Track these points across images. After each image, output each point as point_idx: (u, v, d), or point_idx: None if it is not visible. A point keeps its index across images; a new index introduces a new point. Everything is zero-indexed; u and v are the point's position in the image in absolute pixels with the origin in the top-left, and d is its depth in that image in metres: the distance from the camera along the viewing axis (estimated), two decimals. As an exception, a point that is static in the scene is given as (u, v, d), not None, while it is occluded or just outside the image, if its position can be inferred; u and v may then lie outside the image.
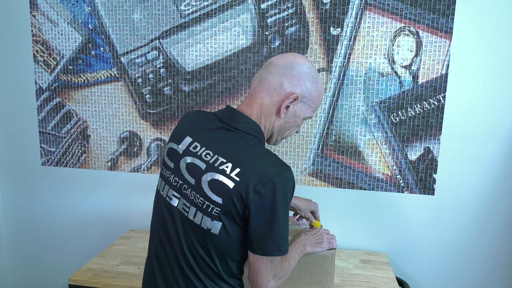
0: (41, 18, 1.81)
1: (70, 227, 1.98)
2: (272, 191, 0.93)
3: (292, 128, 1.11)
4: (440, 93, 1.58)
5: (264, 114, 1.04)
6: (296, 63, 1.04)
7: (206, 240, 0.99)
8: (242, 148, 0.99)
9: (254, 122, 1.03)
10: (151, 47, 1.74)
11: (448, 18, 1.53)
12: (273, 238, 0.96)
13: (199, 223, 0.98)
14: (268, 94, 1.03)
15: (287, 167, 0.97)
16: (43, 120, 1.90)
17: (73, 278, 1.46)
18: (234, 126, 1.02)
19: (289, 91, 1.03)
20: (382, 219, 1.71)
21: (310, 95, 1.06)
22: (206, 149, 1.00)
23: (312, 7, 1.60)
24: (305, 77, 1.04)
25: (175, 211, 1.03)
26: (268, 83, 1.03)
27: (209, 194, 0.96)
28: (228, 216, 0.96)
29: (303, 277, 1.31)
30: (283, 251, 0.98)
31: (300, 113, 1.07)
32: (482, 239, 1.66)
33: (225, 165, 0.96)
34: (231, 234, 0.98)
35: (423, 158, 1.63)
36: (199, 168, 0.99)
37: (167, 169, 1.07)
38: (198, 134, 1.04)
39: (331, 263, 1.30)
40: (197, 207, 0.98)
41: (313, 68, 1.07)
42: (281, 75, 1.03)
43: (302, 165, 1.72)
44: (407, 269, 1.73)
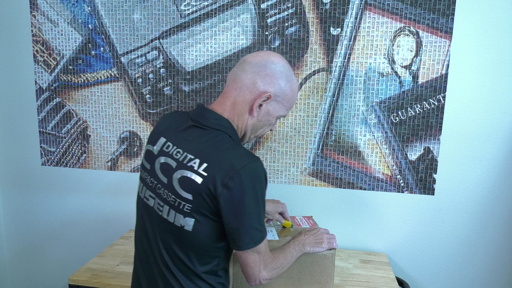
0: (41, 18, 1.81)
1: (70, 227, 1.98)
2: (240, 184, 0.93)
3: (265, 127, 1.11)
4: (440, 93, 1.58)
5: (237, 112, 1.04)
6: (269, 61, 1.04)
7: (181, 238, 0.99)
8: (210, 144, 0.99)
9: (224, 119, 1.03)
10: (151, 47, 1.74)
11: (448, 18, 1.53)
12: (245, 231, 0.96)
13: (172, 221, 0.99)
14: (241, 92, 1.03)
15: (255, 158, 0.97)
16: (43, 120, 1.90)
17: (73, 278, 1.46)
18: (204, 123, 1.02)
19: (262, 90, 1.02)
20: (382, 219, 1.71)
21: (284, 94, 1.06)
22: (177, 148, 1.01)
23: (312, 7, 1.60)
24: (278, 76, 1.03)
25: (152, 212, 1.04)
26: (241, 81, 1.03)
27: (179, 191, 0.97)
28: (200, 212, 0.96)
29: (303, 277, 1.31)
30: (257, 241, 0.98)
31: (273, 112, 1.07)
32: (482, 239, 1.66)
33: (193, 161, 0.96)
34: (206, 230, 0.98)
35: (423, 158, 1.63)
36: (170, 167, 1.00)
37: (144, 171, 1.08)
38: (171, 134, 1.05)
39: (331, 263, 1.30)
40: (169, 205, 0.99)
41: (288, 67, 1.07)
42: (254, 74, 1.02)
43: (302, 165, 1.72)
44: (407, 269, 1.73)
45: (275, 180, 1.75)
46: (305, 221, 1.49)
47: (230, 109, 1.04)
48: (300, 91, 1.67)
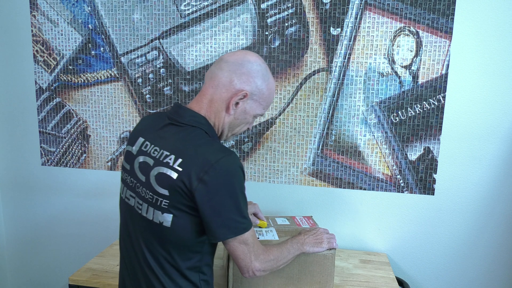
0: (41, 18, 1.81)
1: (70, 227, 1.98)
2: (215, 177, 0.94)
3: (242, 125, 1.11)
4: (440, 93, 1.58)
5: (214, 110, 1.05)
6: (246, 60, 1.05)
7: (161, 235, 1.00)
8: (185, 139, 1.00)
9: (200, 115, 1.04)
10: (151, 47, 1.74)
11: (448, 18, 1.53)
12: (222, 222, 0.97)
13: (151, 218, 1.00)
14: (218, 90, 1.04)
15: (230, 152, 0.98)
16: (43, 120, 1.90)
17: (73, 278, 1.46)
18: (180, 120, 1.04)
19: (238, 88, 1.04)
20: (382, 219, 1.71)
21: (260, 93, 1.07)
22: (154, 146, 1.02)
23: (312, 7, 1.60)
24: (255, 75, 1.05)
25: (133, 211, 1.05)
26: (218, 79, 1.04)
27: (156, 188, 0.98)
28: (177, 207, 0.97)
29: (303, 277, 1.31)
30: (236, 231, 0.99)
31: (250, 110, 1.08)
32: (482, 239, 1.66)
33: (169, 158, 0.98)
34: (185, 225, 0.99)
35: (423, 158, 1.63)
36: (148, 165, 1.01)
37: (125, 172, 1.10)
38: (149, 134, 1.07)
39: (331, 263, 1.30)
40: (148, 202, 1.00)
41: (264, 66, 1.08)
42: (231, 72, 1.04)
43: (302, 165, 1.72)
44: (407, 269, 1.73)
45: (275, 180, 1.75)
46: (305, 221, 1.49)
47: (207, 107, 1.05)
48: (300, 91, 1.67)
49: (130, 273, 1.09)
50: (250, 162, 1.75)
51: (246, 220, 1.01)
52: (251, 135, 1.73)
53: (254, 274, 1.04)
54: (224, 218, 0.97)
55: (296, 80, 1.66)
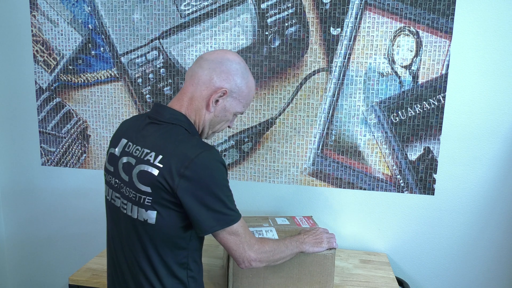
0: (41, 18, 1.81)
1: (70, 227, 1.98)
2: (195, 172, 0.95)
3: (222, 123, 1.13)
4: (440, 93, 1.58)
5: (194, 107, 1.07)
6: (225, 58, 1.07)
7: (147, 233, 1.00)
8: (165, 136, 1.02)
9: (179, 113, 1.06)
10: (151, 47, 1.74)
11: (448, 18, 1.53)
12: (208, 215, 0.97)
13: (136, 216, 1.01)
14: (198, 88, 1.06)
15: (210, 147, 1.00)
16: (43, 120, 1.90)
17: (73, 278, 1.46)
18: (160, 119, 1.05)
19: (218, 86, 1.05)
20: (382, 219, 1.71)
21: (240, 91, 1.08)
22: (136, 146, 1.04)
23: (312, 7, 1.60)
24: (234, 73, 1.07)
25: (118, 212, 1.06)
26: (198, 77, 1.06)
27: (138, 186, 0.99)
28: (160, 204, 0.98)
29: (303, 277, 1.31)
30: (223, 223, 0.99)
31: (230, 108, 1.10)
32: (482, 239, 1.66)
33: (149, 155, 0.99)
34: (169, 222, 0.99)
35: (423, 158, 1.63)
36: (131, 165, 1.02)
37: (108, 174, 1.10)
38: (131, 134, 1.08)
39: (331, 263, 1.30)
40: (132, 201, 1.01)
41: (244, 65, 1.10)
42: (211, 70, 1.06)
43: (302, 165, 1.72)
44: (407, 269, 1.73)
45: (275, 180, 1.75)
46: (305, 221, 1.49)
47: (187, 105, 1.07)
48: (300, 91, 1.67)
49: (118, 274, 1.09)
50: (250, 162, 1.75)
51: (233, 212, 1.01)
52: (251, 135, 1.73)
53: (250, 264, 1.04)
54: (210, 211, 0.97)
55: (296, 80, 1.66)
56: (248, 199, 1.79)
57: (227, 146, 1.76)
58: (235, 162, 1.76)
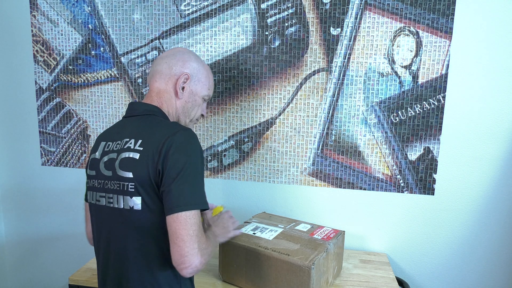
0: (41, 18, 1.81)
1: (70, 227, 1.98)
2: (174, 148, 0.97)
3: (195, 108, 1.19)
4: (440, 93, 1.58)
5: (165, 99, 1.13)
6: (176, 51, 1.17)
7: (134, 222, 1.00)
8: (142, 124, 1.07)
9: (152, 105, 1.11)
10: (151, 47, 1.74)
11: (448, 18, 1.53)
12: (177, 193, 0.94)
13: (122, 206, 1.02)
14: (162, 81, 1.14)
15: (186, 128, 1.03)
16: (43, 120, 1.90)
17: (73, 278, 1.46)
18: (134, 113, 1.12)
19: (179, 72, 1.13)
20: (382, 219, 1.71)
21: (199, 72, 1.17)
22: (115, 142, 1.08)
23: (312, 7, 1.60)
24: (188, 59, 1.15)
25: (104, 209, 1.07)
26: (159, 72, 1.14)
27: (121, 174, 1.01)
28: (143, 188, 0.98)
29: (280, 283, 1.26)
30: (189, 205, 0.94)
31: (196, 91, 1.17)
32: (482, 239, 1.66)
33: (129, 142, 1.03)
34: (153, 208, 0.99)
35: (423, 158, 1.63)
36: (113, 160, 1.05)
37: (90, 179, 1.12)
38: (109, 136, 1.12)
39: (307, 277, 1.20)
40: (117, 192, 1.02)
41: (193, 53, 1.20)
42: (168, 62, 1.14)
43: (302, 165, 1.72)
44: (407, 269, 1.73)
45: (275, 180, 1.75)
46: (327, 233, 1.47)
47: (157, 99, 1.13)
48: (300, 91, 1.67)
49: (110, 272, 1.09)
50: (250, 162, 1.75)
51: (200, 201, 0.97)
52: (251, 135, 1.73)
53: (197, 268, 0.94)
54: (179, 190, 0.94)
55: (296, 80, 1.66)
56: (248, 199, 1.79)
57: (227, 146, 1.76)
58: (235, 162, 1.76)
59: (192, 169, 0.98)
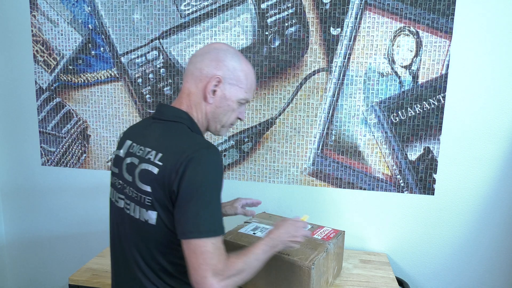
0: (41, 18, 1.81)
1: (70, 227, 1.98)
2: (192, 169, 0.91)
3: (228, 113, 1.08)
4: (440, 93, 1.58)
5: (194, 103, 1.06)
6: (212, 48, 1.06)
7: (148, 234, 0.99)
8: (166, 134, 1.01)
9: (181, 111, 1.05)
10: (151, 47, 1.74)
11: (448, 18, 1.53)
12: (191, 217, 0.90)
13: (138, 217, 1.00)
14: (193, 83, 1.05)
15: (209, 145, 0.96)
16: (43, 120, 1.90)
17: (73, 278, 1.46)
18: (162, 117, 1.05)
19: (211, 75, 1.03)
20: (382, 219, 1.71)
21: (234, 75, 1.05)
22: (139, 145, 1.03)
23: (312, 7, 1.60)
24: (224, 59, 1.04)
25: (122, 213, 1.05)
26: (191, 73, 1.06)
27: (139, 185, 0.98)
28: (160, 204, 0.96)
29: (280, 283, 1.26)
30: (203, 232, 0.89)
31: (230, 95, 1.05)
32: (482, 239, 1.66)
33: (150, 154, 0.98)
34: (168, 224, 0.96)
35: (423, 158, 1.63)
36: (134, 165, 1.01)
37: (113, 176, 1.11)
38: (135, 136, 1.08)
39: (307, 277, 1.19)
40: (134, 201, 1.00)
41: (233, 51, 1.07)
42: (201, 62, 1.05)
43: (302, 165, 1.72)
44: (407, 269, 1.73)
45: (275, 180, 1.75)
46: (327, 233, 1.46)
47: (186, 102, 1.06)
48: (300, 91, 1.67)
49: (122, 275, 1.08)
50: (250, 162, 1.75)
51: (216, 222, 0.92)
52: (251, 135, 1.73)
53: None
54: (194, 213, 0.90)
55: (296, 80, 1.66)
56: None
57: (227, 146, 1.76)
58: (235, 162, 1.76)
59: (208, 192, 0.92)
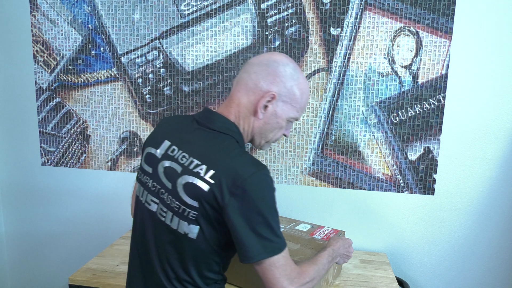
0: (41, 18, 1.81)
1: (70, 227, 1.98)
2: (248, 192, 0.89)
3: (275, 131, 1.05)
4: (440, 93, 1.58)
5: (242, 115, 1.01)
6: (272, 60, 1.00)
7: (184, 246, 0.96)
8: (217, 149, 0.96)
9: (230, 122, 1.00)
10: (151, 47, 1.74)
11: (448, 18, 1.53)
12: (255, 241, 0.90)
13: (176, 228, 0.96)
14: (245, 94, 1.00)
15: (262, 167, 0.93)
16: (43, 120, 1.90)
17: (73, 278, 1.46)
18: (210, 126, 0.99)
19: (265, 89, 0.98)
20: (382, 219, 1.71)
21: (290, 94, 1.00)
22: (182, 152, 0.97)
23: (312, 7, 1.60)
24: (282, 75, 0.99)
25: (154, 217, 1.01)
26: (244, 82, 1.00)
27: (184, 198, 0.93)
28: (205, 220, 0.93)
29: None
30: (270, 251, 0.91)
31: (281, 113, 1.01)
32: (482, 239, 1.66)
33: (200, 168, 0.93)
34: (209, 239, 0.95)
35: (423, 158, 1.63)
36: (175, 172, 0.96)
37: (145, 174, 1.05)
38: (176, 137, 1.01)
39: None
40: (173, 211, 0.96)
41: (292, 66, 1.02)
42: (257, 74, 0.99)
43: (302, 165, 1.72)
44: (407, 269, 1.73)
45: (275, 180, 1.75)
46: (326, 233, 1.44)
47: (235, 112, 1.01)
48: (300, 91, 1.67)
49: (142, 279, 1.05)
50: (250, 162, 1.75)
51: (280, 239, 0.94)
52: (251, 135, 1.73)
53: None
54: (258, 237, 0.90)
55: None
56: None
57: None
58: (235, 162, 1.76)
59: (270, 214, 0.92)
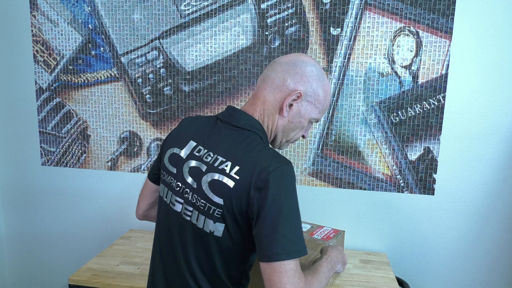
0: (41, 18, 1.81)
1: (70, 227, 1.98)
2: (274, 187, 0.87)
3: (297, 130, 1.07)
4: (440, 93, 1.58)
5: (267, 112, 1.02)
6: (299, 60, 1.03)
7: (210, 244, 0.96)
8: (241, 145, 0.95)
9: (255, 120, 1.01)
10: (151, 47, 1.74)
11: (448, 18, 1.53)
12: (276, 239, 0.87)
13: (201, 226, 0.95)
14: (271, 91, 1.01)
15: (287, 162, 0.93)
16: (43, 120, 1.90)
17: (73, 278, 1.46)
18: (234, 123, 1.00)
19: (292, 88, 1.00)
20: (382, 219, 1.71)
21: (315, 94, 1.03)
22: (207, 151, 0.98)
23: (312, 7, 1.60)
24: (309, 75, 1.01)
25: (179, 217, 1.01)
26: (271, 80, 1.02)
27: (209, 196, 0.93)
28: (231, 217, 0.92)
29: None
30: (290, 253, 0.87)
31: (305, 113, 1.04)
32: (482, 239, 1.66)
33: (225, 164, 0.93)
34: (234, 237, 0.94)
35: (423, 158, 1.63)
36: (200, 171, 0.96)
37: (169, 175, 1.04)
38: (201, 138, 1.02)
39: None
40: (199, 210, 0.96)
41: (319, 68, 1.04)
42: (284, 72, 1.01)
43: (302, 165, 1.72)
44: (407, 269, 1.73)
45: (275, 180, 1.75)
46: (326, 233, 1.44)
47: (260, 109, 1.02)
48: (300, 91, 1.67)
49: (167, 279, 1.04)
50: (250, 162, 1.75)
51: (300, 241, 0.90)
52: (251, 135, 1.73)
53: None
54: (279, 236, 0.87)
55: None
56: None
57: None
58: (235, 162, 1.76)
59: (293, 212, 0.89)
